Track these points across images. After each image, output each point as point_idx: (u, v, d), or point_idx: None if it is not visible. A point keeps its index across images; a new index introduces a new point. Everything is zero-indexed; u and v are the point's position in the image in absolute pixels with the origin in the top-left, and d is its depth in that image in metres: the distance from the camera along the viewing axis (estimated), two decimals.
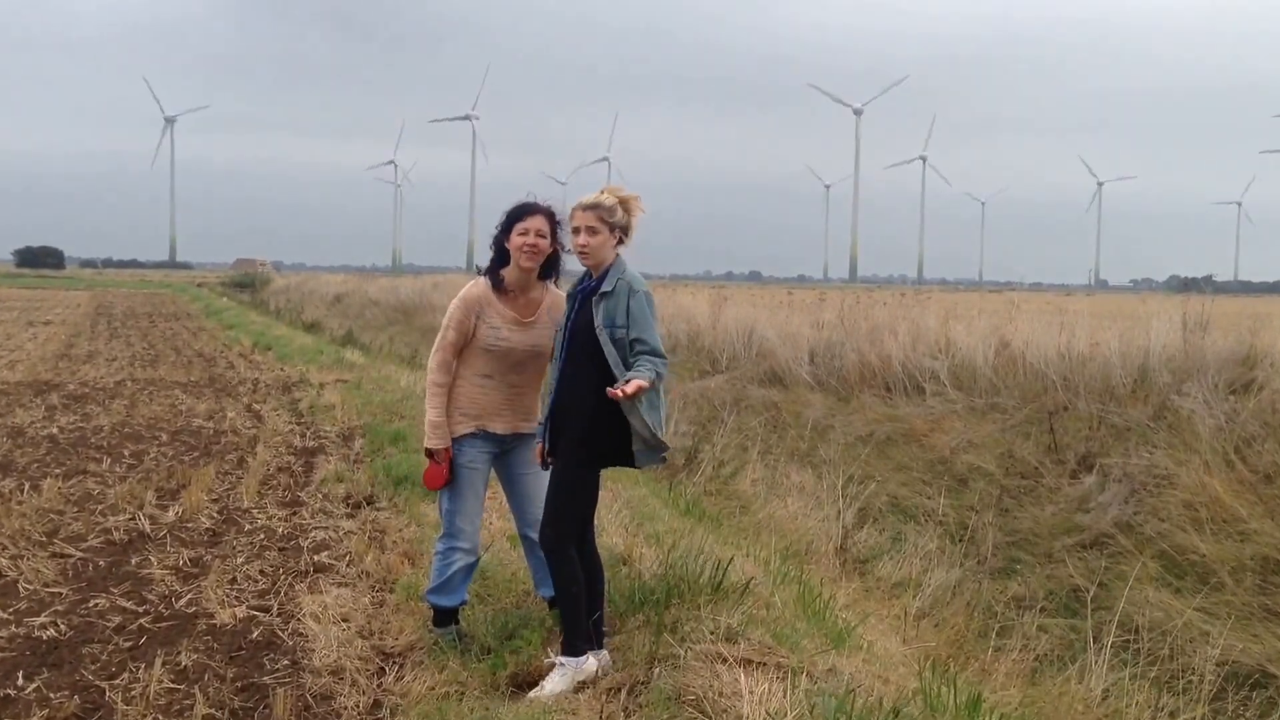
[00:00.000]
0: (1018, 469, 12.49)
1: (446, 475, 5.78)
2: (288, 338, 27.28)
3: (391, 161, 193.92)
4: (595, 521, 6.33)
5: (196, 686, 5.43)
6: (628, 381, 4.96)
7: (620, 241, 5.44)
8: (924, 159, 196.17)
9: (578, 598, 5.31)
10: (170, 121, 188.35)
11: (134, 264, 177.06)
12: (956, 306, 21.72)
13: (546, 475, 5.50)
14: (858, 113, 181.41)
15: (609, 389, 4.99)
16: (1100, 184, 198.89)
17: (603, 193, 5.42)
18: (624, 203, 5.41)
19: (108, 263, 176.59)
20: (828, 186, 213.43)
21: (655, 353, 5.18)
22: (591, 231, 5.33)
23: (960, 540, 10.77)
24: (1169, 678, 7.20)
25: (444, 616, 5.94)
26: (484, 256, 5.94)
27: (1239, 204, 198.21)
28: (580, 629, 5.30)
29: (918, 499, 12.39)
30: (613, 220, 5.35)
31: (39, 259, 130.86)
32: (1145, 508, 10.58)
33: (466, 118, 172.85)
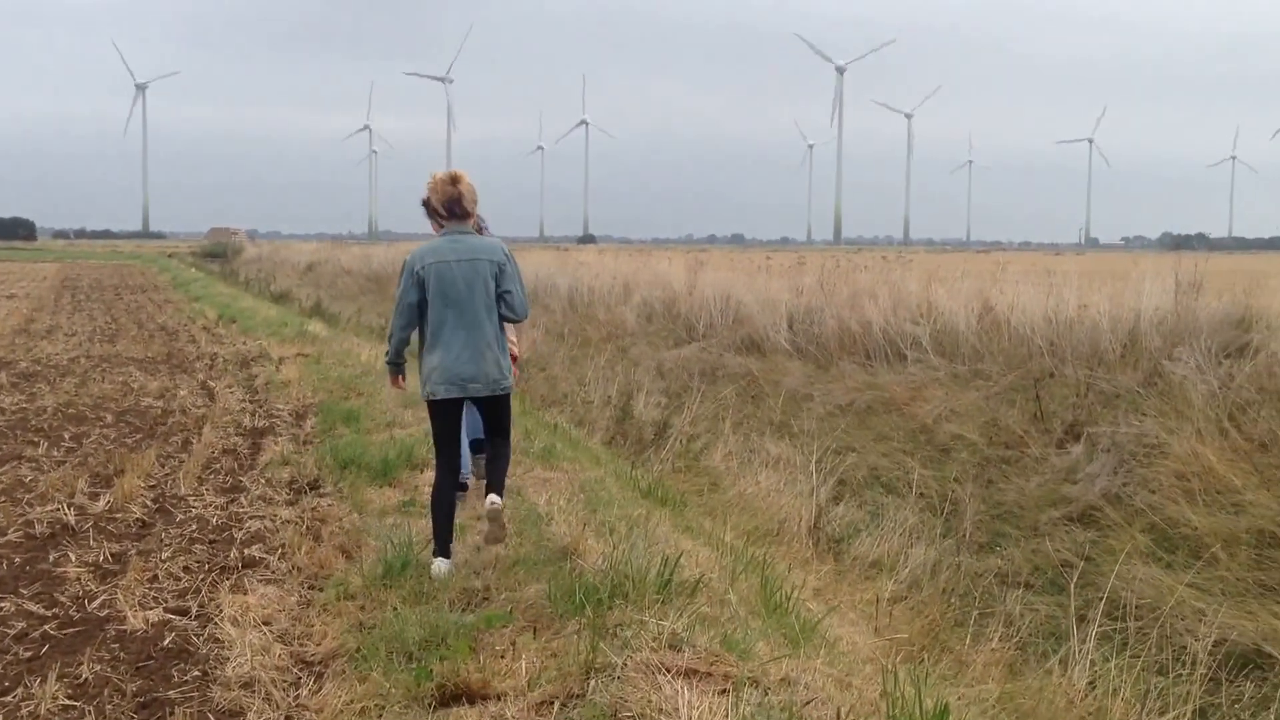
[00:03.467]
0: (1002, 438, 12.06)
1: None
2: (253, 310, 26.69)
3: (366, 127, 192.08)
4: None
5: (94, 703, 4.92)
6: None
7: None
8: (909, 116, 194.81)
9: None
10: (141, 88, 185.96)
11: (107, 234, 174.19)
12: (940, 269, 21.17)
13: None
14: (840, 71, 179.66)
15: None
16: (1091, 140, 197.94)
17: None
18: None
19: (80, 233, 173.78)
20: (811, 146, 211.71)
21: None
22: None
23: (942, 514, 10.32)
24: (1157, 666, 6.73)
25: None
26: None
27: (1233, 158, 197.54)
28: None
29: (898, 470, 11.93)
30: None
31: (10, 230, 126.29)
32: (1135, 478, 10.17)
33: (441, 80, 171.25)
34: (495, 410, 6.66)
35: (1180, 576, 8.39)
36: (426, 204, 6.79)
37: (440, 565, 6.31)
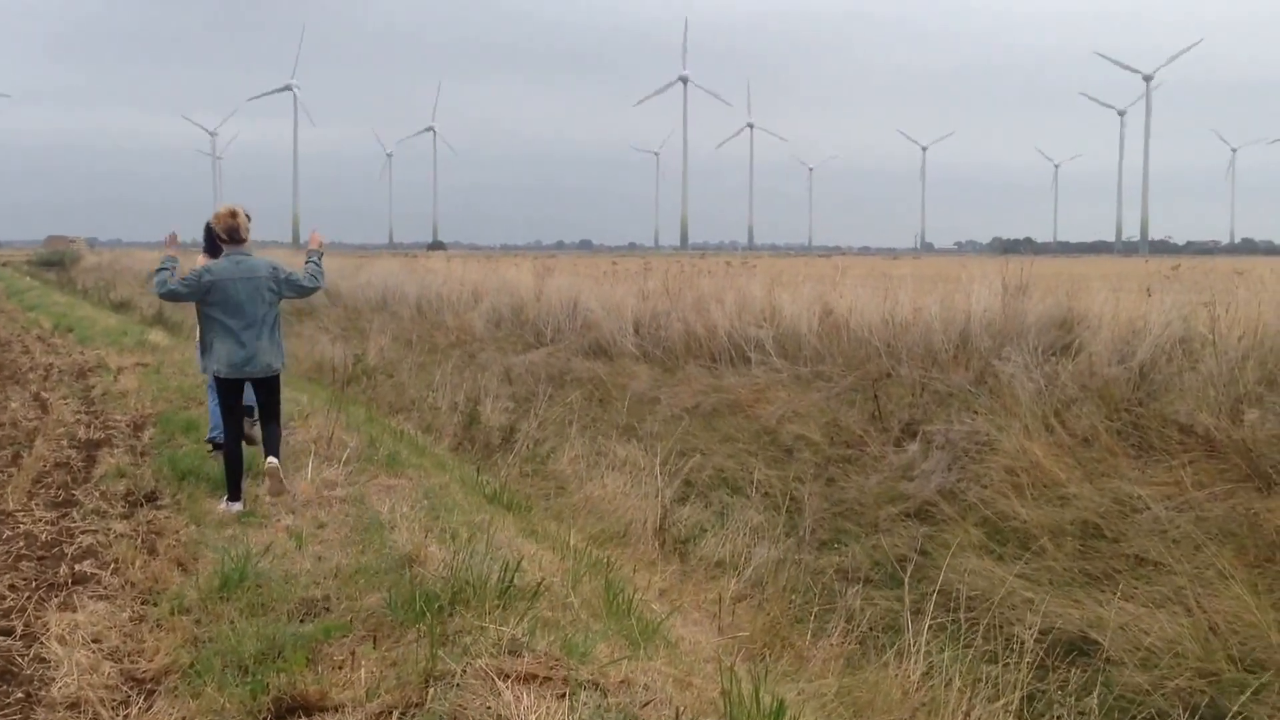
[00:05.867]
0: (843, 438, 12.31)
1: None
2: (92, 319, 25.73)
3: (213, 134, 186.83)
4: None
5: None
6: None
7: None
8: (751, 126, 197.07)
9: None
10: None
11: None
12: (783, 273, 21.60)
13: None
14: (684, 80, 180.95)
15: None
16: (924, 149, 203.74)
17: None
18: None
19: None
20: (656, 154, 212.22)
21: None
22: None
23: (785, 512, 10.50)
24: (988, 655, 6.96)
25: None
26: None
27: (1056, 166, 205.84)
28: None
29: (743, 471, 12.09)
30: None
31: None
32: (968, 474, 10.47)
33: (287, 88, 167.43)
34: (268, 387, 8.51)
35: (1010, 568, 8.66)
36: (209, 232, 8.57)
37: (232, 506, 8.08)
